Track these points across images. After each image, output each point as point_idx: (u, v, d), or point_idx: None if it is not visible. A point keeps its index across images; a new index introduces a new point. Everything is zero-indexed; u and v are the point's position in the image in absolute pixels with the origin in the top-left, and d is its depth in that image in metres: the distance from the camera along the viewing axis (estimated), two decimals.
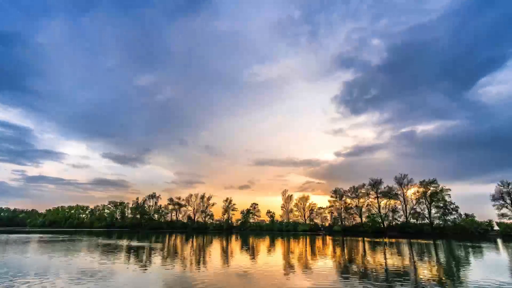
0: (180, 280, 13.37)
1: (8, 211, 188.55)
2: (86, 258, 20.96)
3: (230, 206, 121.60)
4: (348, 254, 27.55)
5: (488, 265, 20.24)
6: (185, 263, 19.40)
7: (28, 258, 20.72)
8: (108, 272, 15.24)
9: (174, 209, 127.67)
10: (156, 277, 14.24)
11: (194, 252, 27.24)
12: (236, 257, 23.95)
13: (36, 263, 18.16)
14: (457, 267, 18.82)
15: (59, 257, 21.69)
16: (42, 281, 12.51)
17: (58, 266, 17.22)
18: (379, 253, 28.53)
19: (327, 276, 14.94)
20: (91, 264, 17.93)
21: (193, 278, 13.75)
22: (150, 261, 20.24)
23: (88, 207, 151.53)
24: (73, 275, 14.04)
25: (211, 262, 20.37)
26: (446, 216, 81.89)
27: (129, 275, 14.53)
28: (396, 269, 17.24)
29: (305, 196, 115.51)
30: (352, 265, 18.97)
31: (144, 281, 13.25)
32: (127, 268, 16.75)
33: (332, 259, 22.97)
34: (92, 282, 12.49)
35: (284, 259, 22.76)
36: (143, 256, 23.14)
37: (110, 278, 13.50)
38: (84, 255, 23.42)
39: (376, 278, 14.24)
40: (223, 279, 13.77)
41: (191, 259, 21.78)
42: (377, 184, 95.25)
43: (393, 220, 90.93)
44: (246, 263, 19.53)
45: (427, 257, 24.69)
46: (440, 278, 14.43)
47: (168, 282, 12.95)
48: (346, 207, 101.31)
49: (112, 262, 19.01)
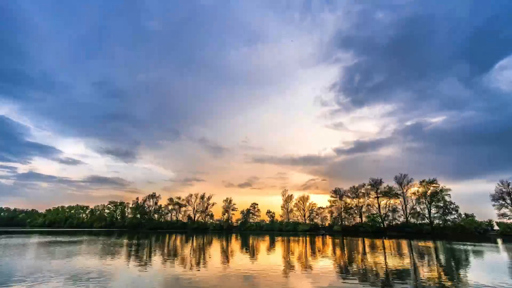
0: (180, 281, 13.35)
1: (8, 211, 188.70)
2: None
3: (230, 206, 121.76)
4: (348, 254, 27.53)
5: (488, 265, 20.22)
6: (185, 264, 19.39)
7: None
8: (107, 272, 15.24)
9: (174, 209, 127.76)
10: (153, 278, 14.22)
11: (193, 253, 27.22)
12: (236, 258, 23.92)
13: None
14: (456, 267, 18.81)
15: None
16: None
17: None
18: (379, 253, 28.52)
19: (327, 276, 14.93)
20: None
21: (192, 280, 13.74)
22: (150, 261, 20.24)
23: (88, 207, 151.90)
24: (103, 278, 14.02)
25: (212, 263, 20.35)
26: (446, 216, 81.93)
27: (129, 276, 14.52)
28: (396, 269, 17.23)
29: (305, 196, 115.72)
30: (352, 265, 18.96)
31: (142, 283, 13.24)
32: (128, 268, 16.76)
33: (332, 259, 22.95)
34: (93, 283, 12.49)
35: (284, 260, 22.74)
36: (144, 257, 23.13)
37: (107, 278, 13.49)
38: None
39: (376, 278, 14.23)
40: (223, 280, 13.74)
41: (191, 261, 21.77)
42: (377, 184, 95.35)
43: (393, 220, 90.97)
44: (246, 265, 19.51)
45: (426, 257, 24.68)
46: (440, 278, 14.42)
47: (169, 282, 12.94)
48: (346, 207, 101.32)
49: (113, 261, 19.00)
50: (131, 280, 13.49)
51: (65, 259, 20.72)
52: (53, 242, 39.38)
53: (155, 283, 12.76)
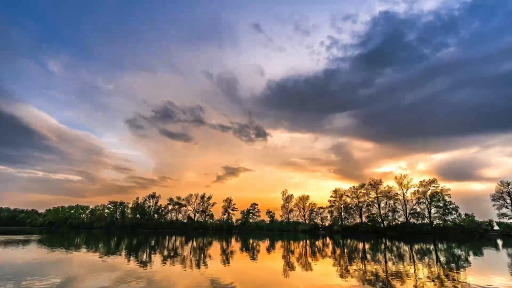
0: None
1: (8, 211, 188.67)
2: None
3: (230, 206, 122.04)
4: (348, 254, 27.52)
5: (488, 265, 20.21)
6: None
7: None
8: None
9: (174, 209, 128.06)
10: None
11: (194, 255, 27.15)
12: (237, 260, 23.92)
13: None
14: (456, 267, 18.79)
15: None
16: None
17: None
18: (379, 253, 28.51)
19: (327, 276, 14.92)
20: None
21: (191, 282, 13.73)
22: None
23: (88, 207, 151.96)
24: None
25: (212, 264, 20.35)
26: (446, 216, 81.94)
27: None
28: (396, 270, 17.21)
29: (305, 196, 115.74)
30: (352, 266, 18.94)
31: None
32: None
33: (332, 259, 22.94)
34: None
35: (284, 261, 22.74)
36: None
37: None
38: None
39: (375, 279, 14.21)
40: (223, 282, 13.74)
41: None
42: (377, 184, 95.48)
43: (393, 220, 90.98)
44: (246, 266, 19.49)
45: (426, 257, 24.67)
46: (440, 279, 14.41)
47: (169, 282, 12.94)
48: (346, 207, 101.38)
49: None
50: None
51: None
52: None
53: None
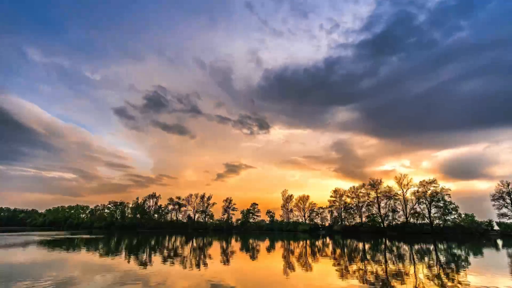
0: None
1: (8, 211, 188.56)
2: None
3: (230, 206, 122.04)
4: (348, 254, 27.53)
5: (488, 266, 20.22)
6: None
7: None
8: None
9: (174, 209, 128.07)
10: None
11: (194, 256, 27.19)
12: (237, 260, 23.94)
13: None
14: (456, 267, 18.80)
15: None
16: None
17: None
18: (379, 253, 28.52)
19: (327, 276, 14.92)
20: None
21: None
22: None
23: (88, 207, 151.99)
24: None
25: (212, 264, 20.36)
26: (446, 216, 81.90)
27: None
28: (396, 270, 17.22)
29: (305, 196, 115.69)
30: (352, 266, 18.95)
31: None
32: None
33: (332, 259, 22.95)
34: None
35: (284, 262, 22.75)
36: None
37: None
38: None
39: (375, 279, 14.22)
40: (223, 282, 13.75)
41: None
42: (377, 184, 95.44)
43: (393, 220, 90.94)
44: (246, 266, 19.50)
45: (426, 257, 24.67)
46: (440, 279, 14.42)
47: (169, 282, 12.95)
48: (346, 207, 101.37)
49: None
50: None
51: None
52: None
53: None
